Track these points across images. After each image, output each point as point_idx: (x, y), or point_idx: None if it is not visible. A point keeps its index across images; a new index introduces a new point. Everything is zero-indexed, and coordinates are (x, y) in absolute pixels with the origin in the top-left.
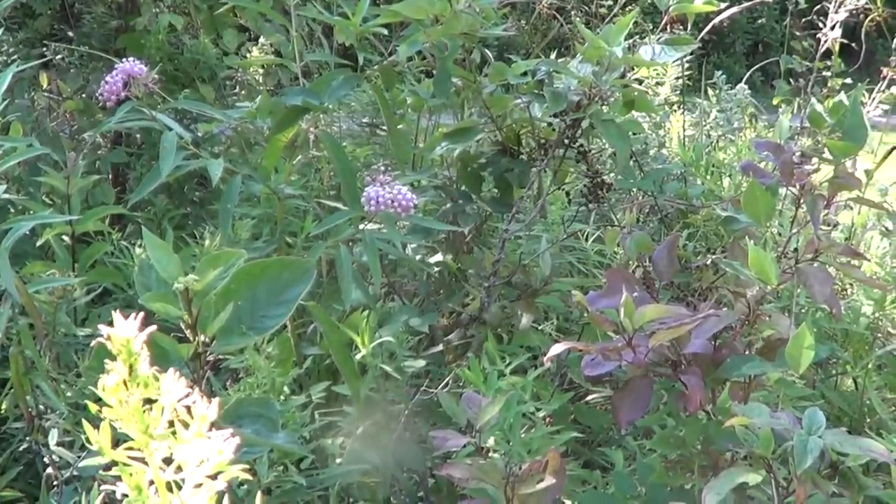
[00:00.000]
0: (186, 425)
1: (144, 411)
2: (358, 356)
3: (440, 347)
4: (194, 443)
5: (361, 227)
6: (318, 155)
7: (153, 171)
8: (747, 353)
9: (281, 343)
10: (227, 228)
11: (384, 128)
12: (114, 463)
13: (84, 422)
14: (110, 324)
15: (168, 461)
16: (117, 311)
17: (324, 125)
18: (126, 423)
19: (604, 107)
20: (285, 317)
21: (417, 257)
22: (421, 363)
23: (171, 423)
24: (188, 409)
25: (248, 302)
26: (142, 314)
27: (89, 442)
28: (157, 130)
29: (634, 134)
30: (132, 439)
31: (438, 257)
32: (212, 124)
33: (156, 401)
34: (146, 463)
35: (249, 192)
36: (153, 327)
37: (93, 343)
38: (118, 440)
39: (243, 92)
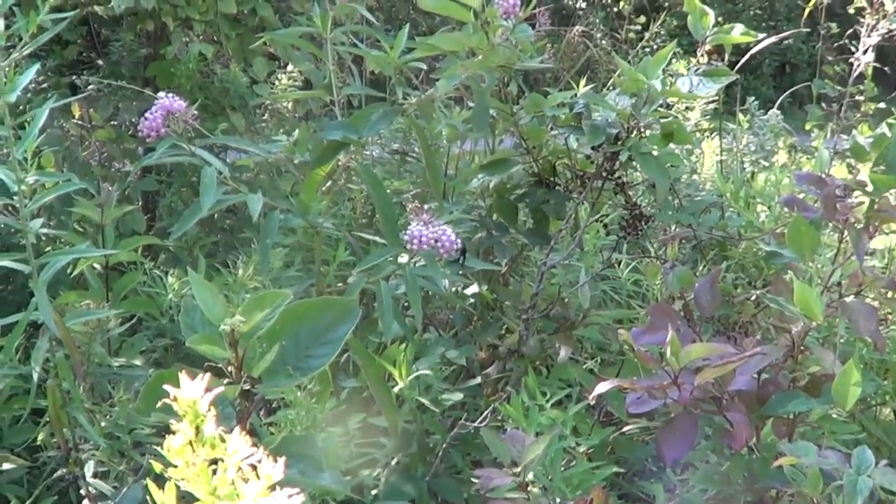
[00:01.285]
0: (246, 480)
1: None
2: (395, 388)
3: (478, 380)
4: (260, 502)
5: (401, 260)
6: (352, 186)
7: (194, 206)
8: (791, 388)
9: (320, 377)
10: (266, 263)
11: (414, 156)
12: None
13: (149, 482)
14: (171, 380)
15: None
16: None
17: (357, 155)
18: (192, 483)
19: (642, 139)
20: (331, 357)
21: (453, 288)
22: (458, 396)
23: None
24: (253, 466)
25: (292, 342)
26: (208, 375)
27: (153, 501)
28: (188, 160)
29: (673, 166)
30: (195, 498)
31: (474, 289)
32: (248, 160)
33: (220, 460)
34: None
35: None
36: (220, 389)
37: (140, 384)
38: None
39: (273, 119)
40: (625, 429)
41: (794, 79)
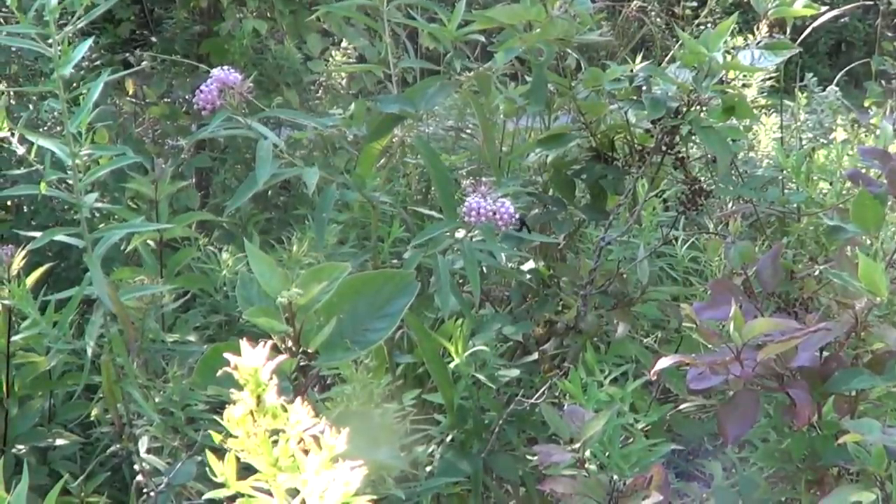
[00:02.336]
0: (307, 452)
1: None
2: (451, 364)
3: (535, 356)
4: (322, 474)
5: (458, 236)
6: (407, 161)
7: (249, 179)
8: (854, 365)
9: (376, 352)
10: (322, 238)
11: (468, 132)
12: (239, 494)
13: (209, 454)
14: (230, 351)
15: (293, 492)
16: (244, 339)
17: (413, 129)
18: (253, 454)
19: (703, 113)
20: (388, 331)
21: (510, 265)
22: (515, 372)
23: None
24: (315, 438)
25: (349, 316)
26: (269, 343)
27: (213, 472)
28: (242, 136)
29: (734, 140)
30: (256, 470)
31: (531, 265)
32: (304, 133)
33: (281, 431)
34: (271, 494)
35: (341, 199)
36: (282, 357)
37: (194, 360)
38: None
39: (327, 96)
40: (682, 406)
41: (850, 57)
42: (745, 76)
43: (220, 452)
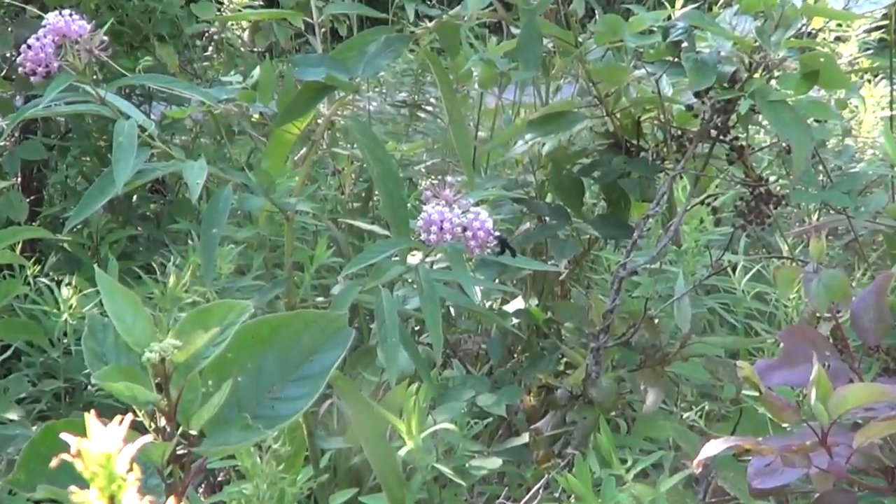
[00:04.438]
0: None
1: None
2: (402, 451)
3: (524, 439)
4: None
5: (412, 262)
6: (338, 152)
7: (103, 178)
8: None
9: (291, 432)
10: (211, 265)
11: (428, 107)
12: None
13: None
14: (74, 429)
15: None
16: (90, 410)
17: (347, 106)
18: None
19: (772, 81)
20: (309, 400)
21: (488, 303)
22: (496, 463)
23: None
24: None
25: (252, 378)
26: (129, 417)
27: None
28: (92, 114)
29: (819, 121)
30: None
31: (518, 304)
32: (185, 110)
33: None
34: None
35: (239, 207)
36: (149, 439)
37: (16, 447)
38: None
39: (221, 56)
40: None
41: None
42: (837, 26)
43: None
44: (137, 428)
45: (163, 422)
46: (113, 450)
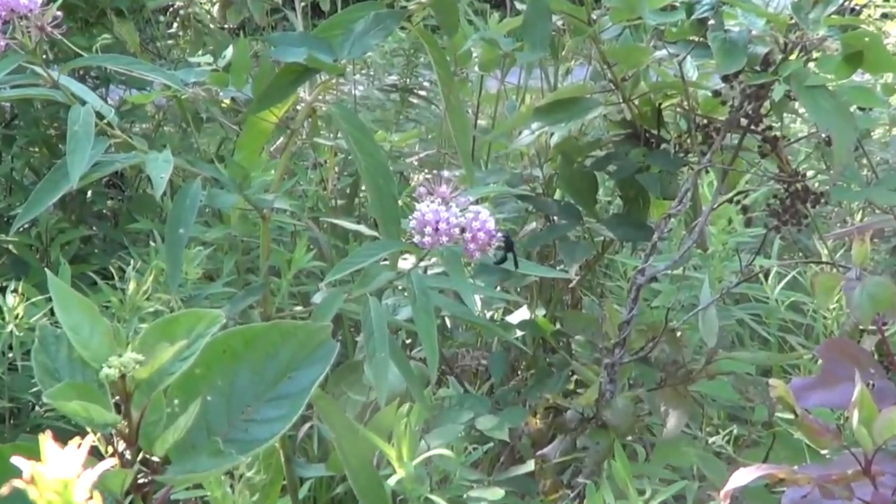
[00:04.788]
0: None
1: None
2: (391, 480)
3: (529, 467)
4: None
5: (404, 266)
6: (321, 143)
7: (55, 172)
8: None
9: (265, 458)
10: (177, 270)
11: (422, 92)
12: None
13: None
14: (26, 453)
15: None
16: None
17: (331, 91)
18: None
19: (810, 63)
20: (287, 421)
21: (489, 313)
22: (497, 493)
23: None
24: None
25: (223, 397)
26: (89, 440)
27: None
28: (43, 98)
29: (863, 109)
30: None
31: (523, 314)
32: (148, 95)
33: None
34: None
35: (209, 205)
36: (109, 464)
37: None
38: None
39: (187, 33)
40: None
41: None
42: (884, 1)
43: None
44: (93, 453)
45: (122, 446)
46: (71, 476)
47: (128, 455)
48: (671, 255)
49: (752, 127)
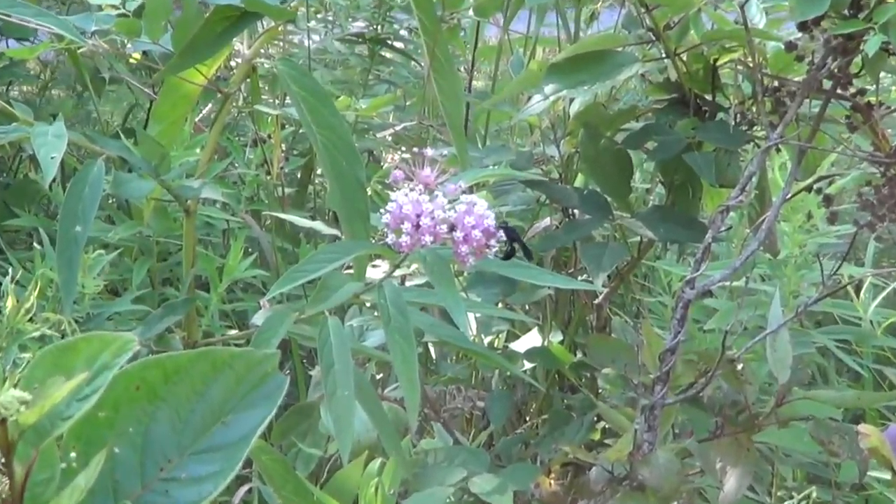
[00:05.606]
0: None
1: None
2: None
3: None
4: None
5: (373, 276)
6: (263, 111)
7: None
8: None
9: None
10: (72, 280)
11: (398, 44)
12: None
13: None
14: None
15: None
16: None
17: (275, 42)
18: None
19: None
20: (220, 480)
21: (487, 339)
22: None
23: None
24: None
25: (135, 448)
26: None
27: None
28: None
29: None
30: None
31: (533, 340)
32: (34, 48)
33: None
34: None
35: (114, 194)
36: None
37: None
38: None
39: None
40: None
41: None
42: None
43: None
44: None
45: None
46: None
47: None
48: (730, 261)
49: (839, 91)
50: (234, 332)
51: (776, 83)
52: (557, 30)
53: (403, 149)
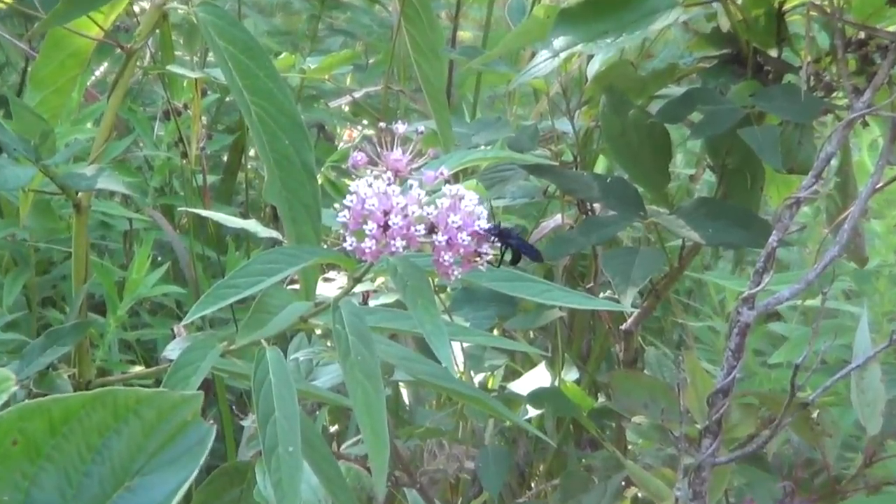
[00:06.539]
0: None
1: None
2: None
3: None
4: None
5: (326, 295)
6: (177, 73)
7: None
8: None
9: None
10: None
11: None
12: None
13: None
14: None
15: None
16: None
17: None
18: None
19: None
20: None
21: (478, 377)
22: None
23: None
24: None
25: None
26: None
27: None
28: None
29: None
30: None
31: (540, 378)
32: None
33: None
34: None
35: None
36: None
37: None
38: None
39: None
40: None
41: None
42: None
43: None
44: None
45: None
46: None
47: None
48: (802, 272)
49: None
50: (139, 368)
51: (862, 34)
52: None
53: (365, 123)
